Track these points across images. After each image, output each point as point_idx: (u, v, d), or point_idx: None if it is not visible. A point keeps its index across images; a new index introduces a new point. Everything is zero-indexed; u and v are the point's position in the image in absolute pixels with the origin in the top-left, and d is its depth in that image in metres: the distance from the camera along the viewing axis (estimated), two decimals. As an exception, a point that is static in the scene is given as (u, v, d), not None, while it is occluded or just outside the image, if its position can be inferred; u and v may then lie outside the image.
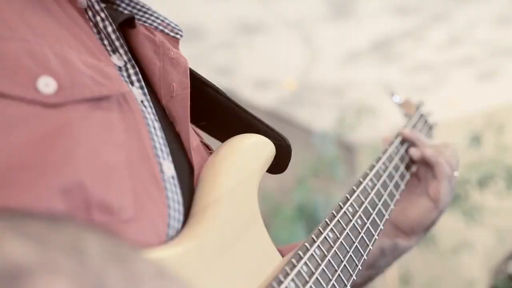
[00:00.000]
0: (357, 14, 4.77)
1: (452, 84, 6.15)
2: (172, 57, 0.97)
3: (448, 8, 4.72)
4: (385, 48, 5.33)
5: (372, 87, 6.11)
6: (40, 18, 0.77)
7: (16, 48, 0.67)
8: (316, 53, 5.38)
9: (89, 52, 0.79)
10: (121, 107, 0.75)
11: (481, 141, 4.73)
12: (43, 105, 0.65)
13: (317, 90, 6.21)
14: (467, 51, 5.46)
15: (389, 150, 1.31)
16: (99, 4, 0.86)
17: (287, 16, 4.77)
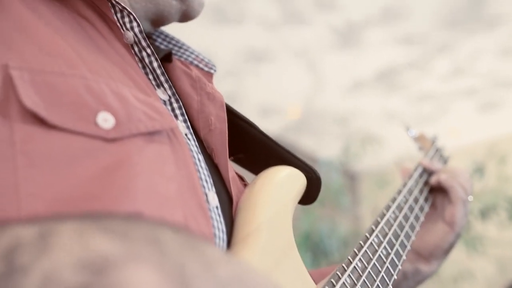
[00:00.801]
0: (363, 44, 4.83)
1: (454, 114, 6.20)
2: (209, 91, 1.01)
3: (452, 39, 4.79)
4: (390, 77, 5.38)
5: (376, 115, 6.16)
6: (92, 54, 0.80)
7: (76, 84, 0.70)
8: (321, 81, 5.43)
9: (138, 87, 0.82)
10: (171, 140, 0.78)
11: (484, 172, 4.75)
12: (102, 139, 0.67)
13: (321, 118, 6.25)
14: (470, 82, 5.52)
15: (409, 183, 1.36)
16: (146, 41, 0.89)
17: (293, 45, 4.82)
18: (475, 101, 5.92)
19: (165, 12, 1.03)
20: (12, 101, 0.64)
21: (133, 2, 0.99)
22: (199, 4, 1.08)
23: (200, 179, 0.82)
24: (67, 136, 0.65)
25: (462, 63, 5.17)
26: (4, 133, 0.62)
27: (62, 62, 0.72)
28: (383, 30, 4.64)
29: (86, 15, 0.87)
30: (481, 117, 6.30)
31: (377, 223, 1.13)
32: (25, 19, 0.74)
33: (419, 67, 5.23)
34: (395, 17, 4.47)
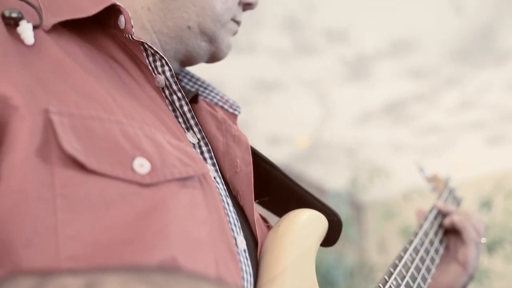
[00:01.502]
0: (372, 76, 4.86)
1: (462, 147, 6.22)
2: (234, 134, 1.03)
3: (461, 73, 4.82)
4: (398, 109, 5.41)
5: (384, 147, 6.17)
6: (126, 97, 0.82)
7: (112, 129, 0.71)
8: (330, 112, 5.45)
9: (170, 132, 0.84)
10: (202, 185, 0.79)
11: (491, 206, 4.74)
12: (138, 184, 0.69)
13: (330, 148, 6.27)
14: (478, 115, 5.54)
15: (425, 226, 1.38)
16: (177, 84, 0.91)
17: (303, 75, 4.86)
18: (483, 134, 5.93)
19: (194, 53, 1.06)
20: (52, 146, 0.65)
21: (164, 44, 1.02)
22: (227, 46, 1.10)
23: (229, 223, 0.84)
24: (104, 181, 0.67)
25: (470, 96, 5.20)
26: (44, 176, 0.63)
27: (98, 106, 0.74)
28: (392, 63, 4.68)
29: (117, 58, 0.90)
30: (488, 150, 6.31)
31: (395, 266, 1.14)
32: (61, 62, 0.76)
33: (427, 100, 5.25)
34: (404, 50, 4.50)
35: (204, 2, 1.02)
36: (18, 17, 0.74)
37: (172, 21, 1.01)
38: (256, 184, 1.00)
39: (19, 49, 0.73)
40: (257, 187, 1.03)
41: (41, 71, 0.73)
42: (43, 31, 0.79)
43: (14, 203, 0.61)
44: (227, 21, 1.07)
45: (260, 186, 1.07)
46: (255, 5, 1.14)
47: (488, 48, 4.51)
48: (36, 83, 0.70)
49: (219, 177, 0.92)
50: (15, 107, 0.65)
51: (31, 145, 0.64)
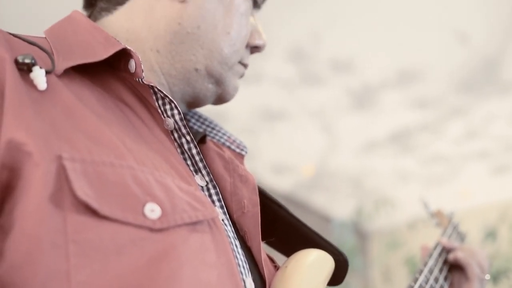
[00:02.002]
0: (378, 106, 4.88)
1: (467, 176, 6.20)
2: (241, 173, 1.03)
3: (466, 103, 4.84)
4: (403, 139, 5.42)
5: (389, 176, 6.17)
6: (136, 142, 0.83)
7: (124, 175, 0.73)
8: (335, 141, 5.46)
9: (180, 176, 0.85)
10: (211, 229, 0.81)
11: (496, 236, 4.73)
12: (149, 229, 0.70)
13: (335, 177, 6.27)
14: (483, 145, 5.54)
15: (429, 263, 1.38)
16: (186, 128, 0.93)
17: (309, 105, 4.88)
18: (488, 164, 5.93)
19: (201, 95, 1.08)
20: (65, 192, 0.67)
21: (172, 85, 1.04)
22: (234, 88, 1.13)
23: (238, 266, 0.84)
24: (116, 226, 0.68)
25: (475, 127, 5.21)
26: (57, 222, 0.65)
27: (110, 151, 0.75)
28: (398, 93, 4.69)
29: (127, 101, 0.91)
30: (493, 180, 6.29)
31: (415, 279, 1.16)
32: (73, 107, 0.78)
33: (433, 129, 5.27)
34: (410, 80, 4.52)
35: (212, 45, 1.04)
36: (31, 62, 0.76)
37: (180, 63, 1.03)
38: (263, 224, 1.01)
39: (32, 95, 0.74)
40: (264, 226, 1.04)
41: (53, 117, 0.74)
42: (55, 76, 0.81)
43: (28, 248, 0.62)
44: (234, 64, 1.09)
45: (267, 225, 1.07)
46: (262, 48, 1.17)
47: (493, 79, 4.53)
48: (49, 129, 0.72)
49: (227, 219, 0.93)
50: (29, 153, 0.66)
51: (44, 191, 0.65)
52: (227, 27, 1.05)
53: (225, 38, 1.05)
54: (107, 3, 1.05)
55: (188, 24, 1.02)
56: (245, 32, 1.09)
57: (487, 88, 4.67)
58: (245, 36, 1.10)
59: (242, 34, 1.08)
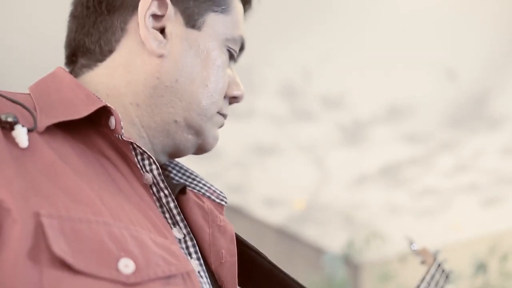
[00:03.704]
0: (368, 141, 4.93)
1: (457, 209, 6.22)
2: (220, 224, 1.05)
3: (456, 137, 4.90)
4: (393, 173, 5.46)
5: (380, 209, 6.20)
6: (114, 197, 0.85)
7: (99, 231, 0.74)
8: (326, 175, 5.50)
9: (156, 230, 0.86)
10: (185, 282, 0.81)
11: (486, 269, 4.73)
12: (123, 284, 0.71)
13: (326, 210, 6.29)
14: (473, 178, 5.58)
15: None
16: (164, 182, 0.94)
17: (300, 140, 4.93)
18: (478, 197, 5.96)
19: (182, 146, 1.09)
20: (42, 248, 0.68)
21: (152, 138, 1.05)
22: (213, 138, 1.14)
23: None
24: (91, 281, 0.69)
25: (464, 160, 5.26)
26: (34, 276, 0.66)
27: (87, 208, 0.76)
28: (388, 128, 4.75)
29: (108, 155, 0.93)
30: (483, 213, 6.31)
31: None
32: (53, 165, 0.80)
33: (423, 163, 5.31)
34: (400, 116, 4.58)
35: (191, 98, 1.06)
36: (13, 121, 0.78)
37: (159, 116, 1.04)
38: (242, 271, 1.04)
39: (13, 152, 0.76)
40: (243, 274, 1.06)
41: (33, 175, 0.76)
42: (37, 133, 0.83)
43: None
44: (213, 115, 1.10)
45: (245, 273, 1.10)
46: (241, 99, 1.18)
47: (482, 114, 4.59)
48: (29, 186, 0.73)
49: (203, 270, 0.95)
50: (8, 210, 0.68)
51: (22, 246, 0.67)
52: (204, 79, 1.07)
53: (203, 91, 1.07)
54: (88, 60, 1.07)
55: (167, 78, 1.04)
56: (222, 84, 1.11)
57: (475, 123, 4.73)
58: (222, 88, 1.12)
59: (219, 86, 1.10)
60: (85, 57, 1.08)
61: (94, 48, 1.07)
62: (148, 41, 1.04)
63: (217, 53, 1.10)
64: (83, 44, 1.08)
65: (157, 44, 1.04)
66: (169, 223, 0.95)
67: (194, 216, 1.05)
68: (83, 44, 1.08)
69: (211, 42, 1.10)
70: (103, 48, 1.06)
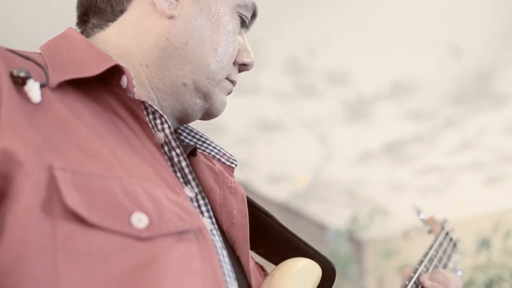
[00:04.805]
0: (372, 118, 4.93)
1: (460, 187, 6.25)
2: (231, 186, 1.06)
3: (460, 115, 4.89)
4: (397, 150, 5.46)
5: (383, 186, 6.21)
6: (126, 154, 0.85)
7: (112, 186, 0.75)
8: (330, 152, 5.51)
9: (169, 187, 0.86)
10: (198, 238, 0.82)
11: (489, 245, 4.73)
12: (136, 238, 0.72)
13: (330, 187, 6.31)
14: (476, 156, 5.60)
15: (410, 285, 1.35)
16: (176, 141, 0.95)
17: (304, 117, 4.93)
18: (481, 175, 5.97)
19: (190, 109, 1.09)
20: (55, 201, 0.69)
21: (161, 100, 1.05)
22: (221, 103, 1.13)
23: (224, 274, 0.86)
24: (104, 235, 0.70)
25: (468, 138, 5.26)
26: (47, 229, 0.67)
27: (100, 163, 0.77)
28: (392, 105, 4.75)
29: (119, 114, 0.93)
30: (486, 191, 6.33)
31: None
32: (65, 120, 0.80)
33: (427, 141, 5.31)
34: (404, 93, 4.57)
35: (199, 61, 1.05)
36: (26, 76, 0.78)
37: (168, 78, 1.04)
38: (252, 234, 1.03)
39: (26, 107, 0.76)
40: (254, 236, 1.05)
41: (46, 129, 0.76)
42: (49, 89, 0.83)
43: (17, 253, 0.64)
44: (221, 80, 1.10)
45: (256, 235, 1.09)
46: (251, 66, 1.17)
47: (487, 91, 4.58)
48: (41, 140, 0.74)
49: (215, 229, 0.94)
50: (20, 162, 0.68)
51: (34, 199, 0.67)
52: (214, 43, 1.07)
53: (212, 54, 1.07)
54: (99, 20, 1.08)
55: (176, 40, 1.04)
56: (232, 50, 1.11)
57: (480, 100, 4.72)
58: (232, 53, 1.11)
59: (229, 51, 1.10)
60: (96, 17, 1.08)
61: (106, 7, 1.07)
62: (159, 2, 1.04)
63: (228, 18, 1.10)
64: (95, 4, 1.07)
65: (168, 5, 1.05)
66: (181, 182, 0.95)
67: (204, 177, 1.06)
68: (95, 4, 1.07)
69: (222, 7, 1.10)
70: (115, 7, 1.06)
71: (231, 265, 0.91)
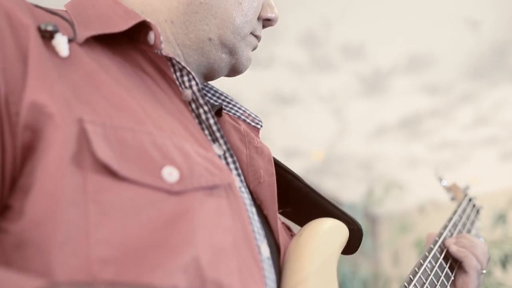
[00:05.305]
0: (388, 91, 4.89)
1: (476, 162, 6.22)
2: (257, 146, 1.07)
3: (476, 89, 4.85)
4: (413, 124, 5.44)
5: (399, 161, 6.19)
6: (155, 109, 0.85)
7: (143, 140, 0.74)
8: (345, 126, 5.49)
9: (198, 143, 0.87)
10: (227, 194, 0.82)
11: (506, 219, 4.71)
12: (167, 192, 0.72)
13: (345, 162, 6.29)
14: (492, 131, 5.56)
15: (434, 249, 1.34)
16: (203, 98, 0.94)
17: (320, 90, 4.89)
18: (497, 150, 5.94)
19: (216, 65, 1.08)
20: (86, 153, 0.69)
21: (187, 56, 1.05)
22: (247, 59, 1.13)
23: (253, 231, 0.86)
24: (135, 188, 0.70)
25: (484, 113, 5.22)
26: (77, 181, 0.67)
27: (130, 117, 0.77)
28: (408, 78, 4.71)
29: (147, 71, 0.93)
30: (502, 166, 6.30)
31: (415, 273, 1.16)
32: (94, 74, 0.80)
33: (442, 115, 5.28)
34: (420, 66, 4.53)
35: (225, 15, 1.05)
36: (53, 30, 0.78)
37: (194, 33, 1.04)
38: (279, 193, 1.03)
39: (54, 61, 0.76)
40: (280, 196, 1.05)
41: (75, 82, 0.76)
42: (77, 44, 0.83)
43: (48, 206, 0.64)
44: (246, 34, 1.10)
45: (282, 196, 1.09)
46: (275, 21, 1.18)
47: (503, 65, 4.54)
48: (71, 93, 0.74)
49: (244, 187, 0.95)
50: (50, 115, 0.68)
51: (65, 151, 0.67)
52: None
53: (237, 8, 1.06)
54: None
55: None
56: (257, 4, 1.11)
57: (497, 75, 4.67)
58: (256, 8, 1.11)
59: (253, 5, 1.10)
60: None
61: None
62: None
63: None
64: None
65: None
66: (209, 139, 0.95)
67: (230, 137, 1.07)
68: None
69: None
70: None
71: (260, 222, 0.92)
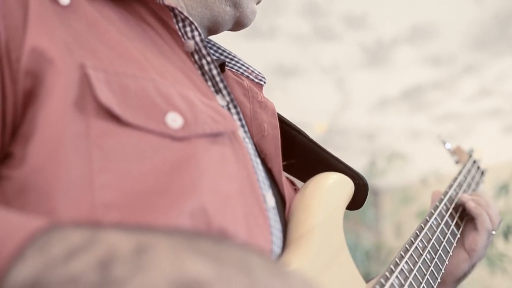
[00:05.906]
0: (391, 63, 4.87)
1: (479, 134, 6.21)
2: (261, 100, 1.06)
3: (480, 60, 4.82)
4: (416, 96, 5.41)
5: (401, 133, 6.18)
6: (157, 58, 0.85)
7: (146, 86, 0.74)
8: (348, 98, 5.47)
9: (201, 92, 0.86)
10: (232, 142, 0.82)
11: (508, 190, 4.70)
12: (171, 138, 0.71)
13: (347, 134, 6.29)
14: (496, 103, 5.53)
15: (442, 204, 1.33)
16: (206, 49, 0.94)
17: (322, 61, 4.87)
18: (500, 122, 5.92)
19: (220, 18, 1.07)
20: (88, 98, 0.68)
21: (190, 9, 1.04)
22: (251, 11, 1.12)
23: (258, 180, 0.86)
24: (138, 133, 0.69)
25: (488, 84, 5.19)
26: (80, 127, 0.66)
27: (132, 64, 0.76)
28: (411, 49, 4.68)
29: (149, 22, 0.93)
30: (505, 138, 6.29)
31: (421, 229, 1.15)
32: (96, 22, 0.79)
33: (445, 87, 5.25)
34: (423, 37, 4.50)
35: None
36: None
37: None
38: (283, 149, 1.02)
39: (55, 9, 0.75)
40: (283, 151, 1.05)
41: (76, 30, 0.75)
42: None
43: (50, 152, 0.64)
44: None
45: (286, 150, 1.09)
46: None
47: (507, 36, 4.50)
48: (72, 40, 0.73)
49: (248, 138, 0.94)
50: (51, 60, 0.67)
51: (67, 97, 0.66)
52: None
53: None
54: None
55: None
56: None
57: (500, 46, 4.64)
58: None
59: None
60: None
61: None
62: None
63: None
64: None
65: None
66: (212, 90, 0.94)
67: (234, 92, 1.06)
68: None
69: None
70: None
71: (265, 172, 0.91)
